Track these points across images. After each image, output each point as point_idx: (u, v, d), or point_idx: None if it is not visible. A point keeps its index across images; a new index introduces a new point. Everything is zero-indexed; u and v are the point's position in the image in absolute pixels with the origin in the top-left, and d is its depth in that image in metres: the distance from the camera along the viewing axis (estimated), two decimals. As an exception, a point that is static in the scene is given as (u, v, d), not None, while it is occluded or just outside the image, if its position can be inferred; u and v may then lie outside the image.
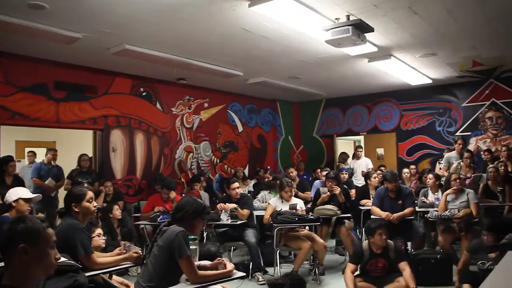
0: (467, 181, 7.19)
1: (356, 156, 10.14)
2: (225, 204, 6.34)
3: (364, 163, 9.84)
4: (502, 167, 7.47)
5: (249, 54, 7.14)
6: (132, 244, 3.77)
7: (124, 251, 3.63)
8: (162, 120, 9.08)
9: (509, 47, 7.27)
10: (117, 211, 6.42)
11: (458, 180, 6.22)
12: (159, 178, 8.15)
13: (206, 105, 10.11)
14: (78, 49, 6.47)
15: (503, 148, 8.40)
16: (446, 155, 8.16)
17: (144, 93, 8.71)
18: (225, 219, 6.23)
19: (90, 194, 3.50)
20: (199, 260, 3.42)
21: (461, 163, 7.34)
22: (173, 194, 6.90)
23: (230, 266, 3.24)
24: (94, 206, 3.50)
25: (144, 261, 3.26)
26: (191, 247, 3.15)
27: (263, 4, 4.80)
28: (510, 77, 9.55)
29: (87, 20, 5.41)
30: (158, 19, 5.45)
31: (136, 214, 7.56)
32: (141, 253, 3.56)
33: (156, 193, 7.39)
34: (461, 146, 7.46)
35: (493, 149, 9.25)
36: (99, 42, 6.26)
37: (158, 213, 6.35)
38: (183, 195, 7.87)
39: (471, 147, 9.63)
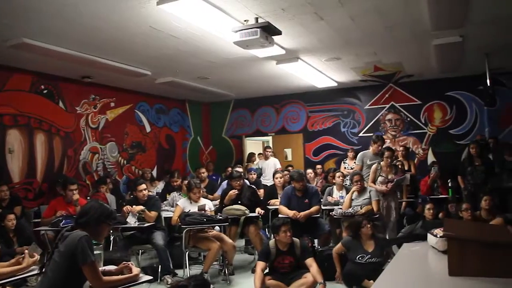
0: (389, 185, 6.73)
1: (264, 157, 10.31)
2: (132, 206, 6.17)
3: (272, 163, 10.02)
4: (400, 166, 7.95)
5: (158, 53, 7.00)
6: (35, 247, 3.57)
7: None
8: (65, 120, 8.63)
9: (405, 54, 7.77)
10: (9, 222, 5.88)
11: (358, 182, 6.54)
12: (62, 180, 7.75)
13: (112, 104, 9.77)
14: (-33, 41, 5.97)
15: (401, 148, 8.95)
16: (361, 153, 7.94)
17: (45, 91, 8.22)
18: (132, 221, 6.07)
19: None
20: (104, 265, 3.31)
21: (381, 163, 6.96)
22: (76, 196, 6.56)
23: (136, 270, 3.17)
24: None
25: (44, 269, 3.07)
26: (95, 252, 3.03)
27: (171, 2, 4.73)
28: (407, 82, 10.23)
29: (-23, 8, 4.97)
30: (61, 12, 5.13)
31: (36, 220, 7.12)
32: (38, 256, 3.37)
33: (59, 196, 7.02)
34: (380, 147, 7.42)
35: (392, 149, 9.82)
36: (-7, 34, 5.82)
37: (60, 218, 6.00)
38: (88, 198, 7.58)
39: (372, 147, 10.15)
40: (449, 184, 7.95)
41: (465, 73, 9.30)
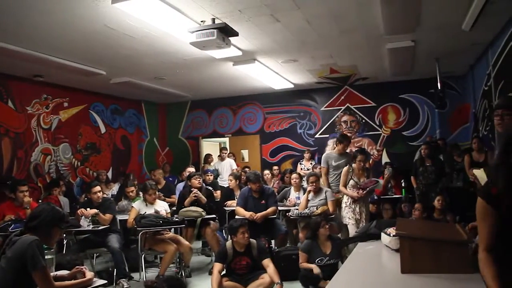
0: (360, 192, 6.12)
1: (220, 158, 10.29)
2: (86, 209, 6.03)
3: (228, 164, 10.01)
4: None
5: (113, 52, 6.87)
6: None
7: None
8: (15, 120, 8.33)
9: (360, 57, 7.94)
10: None
11: (314, 184, 6.58)
12: (11, 182, 7.47)
13: (66, 104, 9.51)
14: None
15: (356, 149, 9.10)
16: (324, 154, 7.46)
17: (-7, 90, 7.94)
18: (85, 224, 5.93)
19: None
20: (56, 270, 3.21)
21: (353, 165, 6.37)
22: (28, 198, 6.33)
23: (89, 274, 3.09)
24: None
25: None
26: (47, 256, 2.94)
27: (126, 1, 4.66)
28: (361, 84, 10.46)
29: None
30: (9, 7, 4.96)
31: (-17, 224, 6.84)
32: None
33: (7, 200, 6.76)
34: (346, 147, 7.09)
35: (347, 150, 9.94)
36: None
37: (9, 222, 5.79)
38: (40, 201, 7.34)
39: (329, 148, 10.32)
40: (403, 184, 8.17)
41: (417, 76, 9.59)
